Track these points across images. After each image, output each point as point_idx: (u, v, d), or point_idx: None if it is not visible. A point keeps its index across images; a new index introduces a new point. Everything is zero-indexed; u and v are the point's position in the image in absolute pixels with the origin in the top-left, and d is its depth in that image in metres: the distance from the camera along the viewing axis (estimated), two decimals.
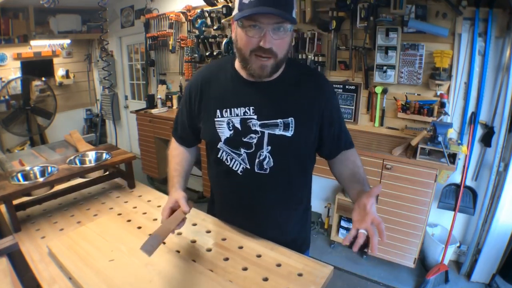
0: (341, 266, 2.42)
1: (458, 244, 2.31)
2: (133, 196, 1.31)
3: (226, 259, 0.89)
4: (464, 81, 2.16)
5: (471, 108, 2.15)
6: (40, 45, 4.29)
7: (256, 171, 0.94)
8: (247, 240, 0.97)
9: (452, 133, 2.21)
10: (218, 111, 0.94)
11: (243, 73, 0.93)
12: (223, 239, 0.99)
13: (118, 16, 4.36)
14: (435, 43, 2.17)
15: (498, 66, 2.04)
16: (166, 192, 1.23)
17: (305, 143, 0.96)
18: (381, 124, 2.53)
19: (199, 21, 3.24)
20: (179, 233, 1.02)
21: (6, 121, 4.00)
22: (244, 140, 0.93)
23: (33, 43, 4.10)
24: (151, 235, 0.76)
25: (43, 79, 4.32)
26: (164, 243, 0.90)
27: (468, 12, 2.01)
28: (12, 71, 4.12)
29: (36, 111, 4.24)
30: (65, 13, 4.23)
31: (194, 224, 1.07)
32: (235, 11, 0.83)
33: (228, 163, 0.97)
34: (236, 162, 0.96)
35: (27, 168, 1.24)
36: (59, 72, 4.63)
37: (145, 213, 1.15)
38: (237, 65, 0.94)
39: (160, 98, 3.69)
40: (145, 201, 1.25)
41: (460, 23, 2.05)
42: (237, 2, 0.81)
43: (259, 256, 0.90)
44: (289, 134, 0.91)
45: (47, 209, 1.21)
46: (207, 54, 3.26)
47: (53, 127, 4.48)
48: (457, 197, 2.13)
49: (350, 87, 2.60)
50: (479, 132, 2.16)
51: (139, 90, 4.63)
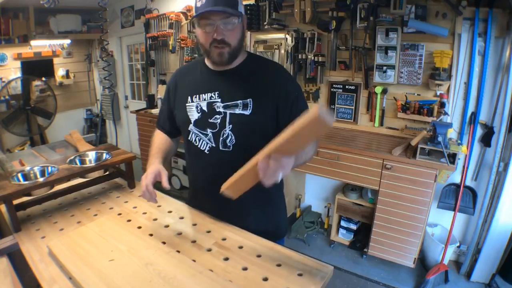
0: (341, 266, 2.42)
1: (458, 244, 2.31)
2: (133, 196, 1.31)
3: (226, 259, 0.89)
4: (464, 81, 2.16)
5: (471, 108, 2.15)
6: (40, 45, 4.28)
7: (221, 148, 1.05)
8: (247, 240, 0.98)
9: (452, 133, 2.21)
10: (189, 97, 1.09)
11: (209, 64, 1.09)
12: (223, 239, 0.99)
13: (118, 16, 4.36)
14: (435, 43, 2.17)
15: (498, 66, 2.04)
16: (166, 192, 1.23)
17: (264, 121, 1.03)
18: (381, 124, 2.53)
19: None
20: (179, 233, 1.02)
21: (6, 121, 4.00)
22: (210, 121, 1.05)
23: (33, 43, 4.10)
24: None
25: (43, 79, 4.31)
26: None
27: (468, 12, 2.01)
28: (12, 71, 4.12)
29: (36, 111, 4.24)
30: (65, 13, 4.23)
31: (194, 224, 1.07)
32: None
33: (197, 144, 1.09)
34: (204, 142, 1.08)
35: (27, 168, 1.24)
36: (59, 72, 4.62)
37: (145, 213, 1.15)
38: (206, 60, 1.09)
39: (160, 98, 3.69)
40: (145, 201, 1.24)
41: (460, 23, 2.05)
42: (194, 9, 0.99)
43: (259, 256, 0.90)
44: (247, 112, 1.02)
45: (47, 209, 1.21)
46: None
47: (53, 127, 4.49)
48: (457, 197, 2.13)
49: (350, 87, 2.60)
50: (479, 132, 2.16)
51: (139, 90, 4.63)
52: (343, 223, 2.61)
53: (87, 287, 0.77)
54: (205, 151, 1.08)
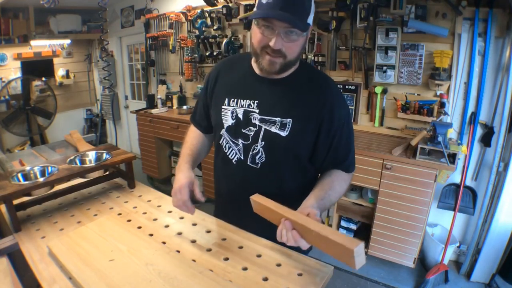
0: (341, 266, 2.41)
1: (458, 244, 2.31)
2: (133, 196, 1.31)
3: (226, 259, 0.89)
4: (464, 81, 2.16)
5: (471, 108, 2.15)
6: (40, 45, 4.28)
7: (248, 163, 0.98)
8: (247, 240, 0.97)
9: (452, 133, 2.21)
10: (226, 99, 1.00)
11: (256, 68, 0.97)
12: (223, 239, 0.99)
13: (118, 16, 4.36)
14: (435, 43, 2.17)
15: (498, 66, 2.04)
16: (166, 192, 1.23)
17: (299, 146, 0.94)
18: (381, 124, 2.53)
19: (199, 21, 3.25)
20: (179, 233, 1.02)
21: (6, 121, 4.00)
22: (243, 131, 0.97)
23: (33, 43, 4.10)
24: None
25: (43, 79, 4.31)
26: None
27: (468, 12, 2.01)
28: (12, 71, 4.12)
29: (36, 111, 4.24)
30: (65, 13, 4.23)
31: (194, 224, 1.07)
32: (254, 9, 0.86)
33: (226, 151, 1.03)
34: (233, 151, 1.01)
35: (27, 168, 1.24)
36: (59, 72, 4.63)
37: (145, 213, 1.15)
38: (253, 61, 0.98)
39: (160, 98, 3.69)
40: (145, 201, 1.25)
41: (460, 23, 2.06)
42: (257, 1, 0.84)
43: (259, 256, 0.90)
44: (283, 134, 0.92)
45: (47, 209, 1.21)
46: (207, 54, 3.27)
47: (53, 127, 4.49)
48: (457, 197, 2.13)
49: (350, 87, 2.60)
50: (479, 132, 2.16)
51: (139, 90, 4.63)
52: (343, 223, 2.61)
53: (87, 287, 0.77)
54: (233, 161, 1.01)
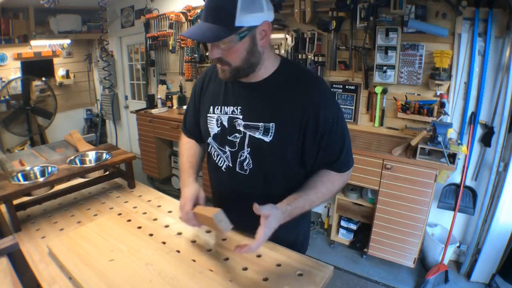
0: (341, 266, 2.42)
1: (458, 244, 2.31)
2: (133, 196, 1.31)
3: (226, 259, 0.89)
4: (464, 81, 2.16)
5: (471, 108, 2.15)
6: (40, 45, 4.28)
7: (237, 170, 0.98)
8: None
9: (452, 133, 2.21)
10: (211, 107, 0.99)
11: None
12: (223, 239, 0.99)
13: (118, 16, 4.36)
14: (435, 43, 2.17)
15: (498, 66, 2.04)
16: (166, 192, 1.23)
17: (285, 150, 0.91)
18: (381, 124, 2.53)
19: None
20: (179, 233, 1.02)
21: (6, 121, 4.00)
22: (229, 138, 0.96)
23: (33, 43, 4.10)
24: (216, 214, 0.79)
25: (43, 79, 4.31)
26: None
27: (468, 12, 2.01)
28: (12, 71, 4.12)
29: (36, 111, 4.24)
30: (65, 13, 4.23)
31: None
32: None
33: (215, 159, 1.03)
34: (221, 159, 1.00)
35: (27, 168, 1.24)
36: (59, 72, 4.62)
37: (145, 213, 1.15)
38: None
39: (160, 98, 3.69)
40: (145, 201, 1.25)
41: (460, 23, 2.05)
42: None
43: (259, 256, 0.90)
44: (267, 139, 0.89)
45: (47, 209, 1.21)
46: (207, 54, 3.27)
47: (53, 127, 4.49)
48: (457, 197, 2.13)
49: (350, 87, 2.60)
50: (479, 132, 2.16)
51: (139, 90, 4.63)
52: (343, 223, 2.61)
53: (87, 287, 0.77)
54: (222, 168, 1.00)
